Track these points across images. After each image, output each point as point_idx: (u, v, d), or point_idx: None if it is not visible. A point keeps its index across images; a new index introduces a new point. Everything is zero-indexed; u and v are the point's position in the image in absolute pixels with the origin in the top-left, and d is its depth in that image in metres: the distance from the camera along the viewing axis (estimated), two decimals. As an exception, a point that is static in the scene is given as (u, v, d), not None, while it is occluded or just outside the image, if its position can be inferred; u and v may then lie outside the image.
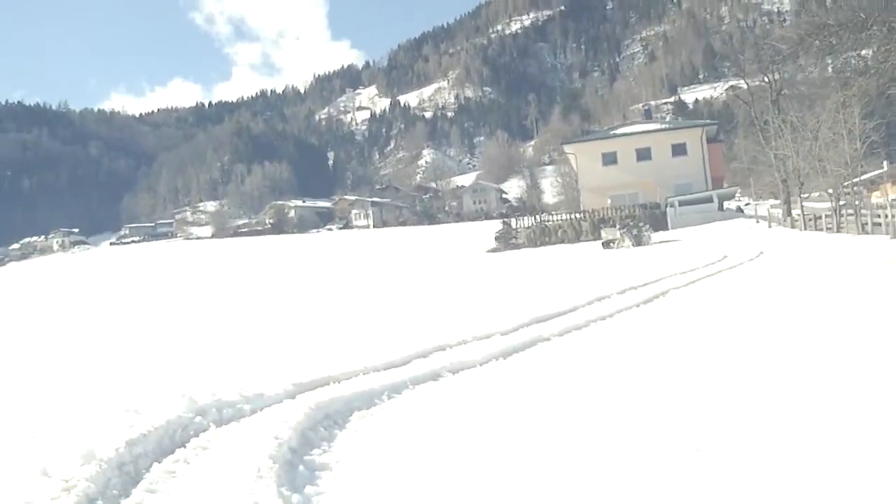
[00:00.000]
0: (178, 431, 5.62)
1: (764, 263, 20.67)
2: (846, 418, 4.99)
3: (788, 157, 40.04)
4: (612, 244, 39.83)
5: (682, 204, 52.26)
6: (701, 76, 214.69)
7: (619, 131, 67.10)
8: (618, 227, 41.70)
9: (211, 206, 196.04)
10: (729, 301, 12.75)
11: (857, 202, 32.56)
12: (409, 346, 9.11)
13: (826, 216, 34.27)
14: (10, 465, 4.95)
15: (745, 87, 56.18)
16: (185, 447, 5.34)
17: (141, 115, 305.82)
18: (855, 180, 33.33)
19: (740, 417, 5.21)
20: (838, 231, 31.67)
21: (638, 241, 38.77)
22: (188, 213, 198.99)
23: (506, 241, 54.30)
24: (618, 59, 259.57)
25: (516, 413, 5.91)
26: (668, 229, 49.96)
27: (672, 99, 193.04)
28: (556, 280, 21.21)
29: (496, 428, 5.52)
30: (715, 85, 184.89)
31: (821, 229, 34.03)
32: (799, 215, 38.54)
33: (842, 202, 34.04)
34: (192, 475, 4.77)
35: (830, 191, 34.92)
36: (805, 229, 35.75)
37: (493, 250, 53.24)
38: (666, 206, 52.89)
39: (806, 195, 42.00)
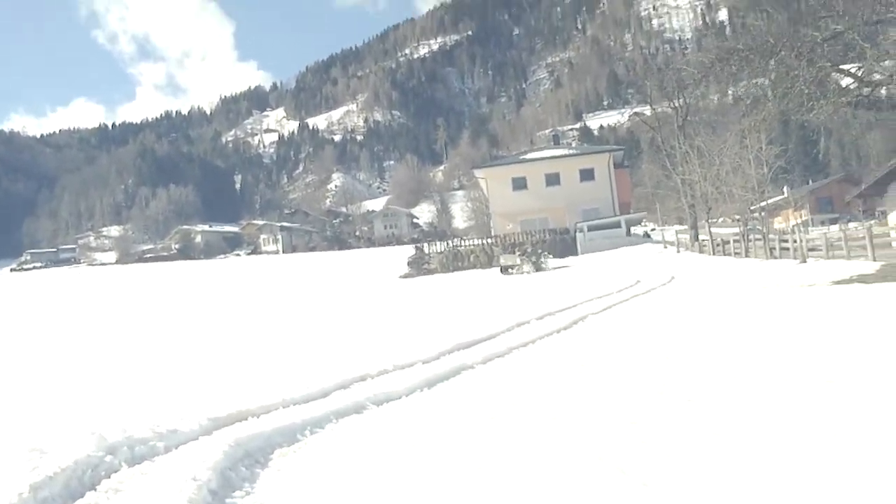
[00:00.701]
0: (87, 472, 5.23)
1: (677, 288, 21.05)
2: (786, 440, 4.99)
3: (696, 182, 41.02)
4: (510, 270, 41.73)
5: (590, 229, 53.04)
6: (605, 102, 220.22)
7: (528, 156, 67.87)
8: (517, 253, 43.83)
9: (115, 230, 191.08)
10: (648, 326, 12.85)
11: (763, 227, 33.53)
12: (328, 377, 8.81)
13: (734, 241, 35.17)
14: None
15: (648, 113, 57.52)
16: (95, 490, 4.96)
17: (42, 135, 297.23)
18: (762, 204, 34.33)
19: (681, 448, 5.14)
20: (746, 256, 32.53)
21: (537, 267, 40.89)
22: (91, 239, 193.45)
23: (419, 266, 54.29)
24: (524, 85, 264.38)
25: (447, 449, 5.69)
26: (577, 254, 50.70)
27: (578, 125, 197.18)
28: (473, 306, 21.17)
29: (428, 465, 5.31)
30: (620, 111, 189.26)
31: (729, 254, 34.89)
32: (707, 240, 39.51)
33: (749, 227, 35.06)
34: (105, 522, 4.44)
35: (737, 216, 35.87)
36: (713, 254, 36.63)
37: (407, 276, 53.14)
38: (575, 232, 53.62)
39: (714, 220, 43.14)
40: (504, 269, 42.50)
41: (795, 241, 27.53)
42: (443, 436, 6.11)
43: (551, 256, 45.37)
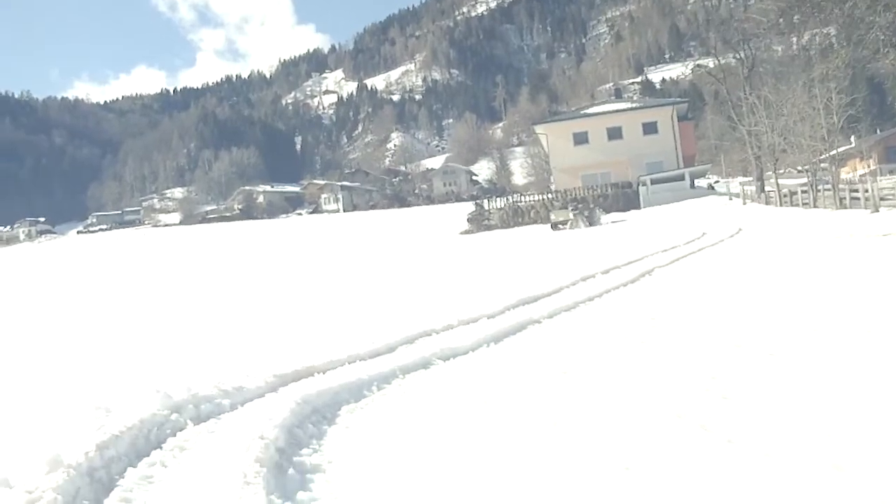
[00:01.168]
0: (153, 431, 5.15)
1: (746, 240, 20.46)
2: (873, 399, 4.65)
3: (763, 133, 39.89)
4: (560, 225, 41.16)
5: (654, 182, 52.20)
6: (667, 56, 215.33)
7: (589, 111, 66.77)
8: (569, 208, 42.99)
9: (178, 192, 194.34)
10: (719, 279, 12.43)
11: (832, 177, 32.46)
12: (393, 332, 8.69)
13: (802, 191, 34.13)
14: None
15: (712, 65, 56.11)
16: (161, 448, 4.88)
17: (105, 102, 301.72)
18: (832, 153, 33.21)
19: (766, 405, 4.82)
20: (815, 206, 31.53)
21: (591, 222, 40.32)
22: (155, 201, 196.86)
23: (479, 222, 54.06)
24: (584, 40, 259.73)
25: (520, 404, 5.48)
26: (640, 208, 49.96)
27: (639, 79, 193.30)
28: (535, 261, 20.87)
29: (500, 422, 5.10)
30: (683, 63, 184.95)
31: (796, 205, 33.85)
32: (773, 191, 38.47)
33: (816, 177, 34.01)
34: (171, 480, 4.32)
35: (804, 167, 34.82)
36: (780, 205, 35.64)
37: (467, 232, 52.98)
38: (638, 185, 52.82)
39: (780, 171, 42.00)
40: (554, 225, 41.91)
41: (867, 191, 26.53)
42: (514, 392, 5.90)
43: (604, 212, 44.80)
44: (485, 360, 7.42)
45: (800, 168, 49.91)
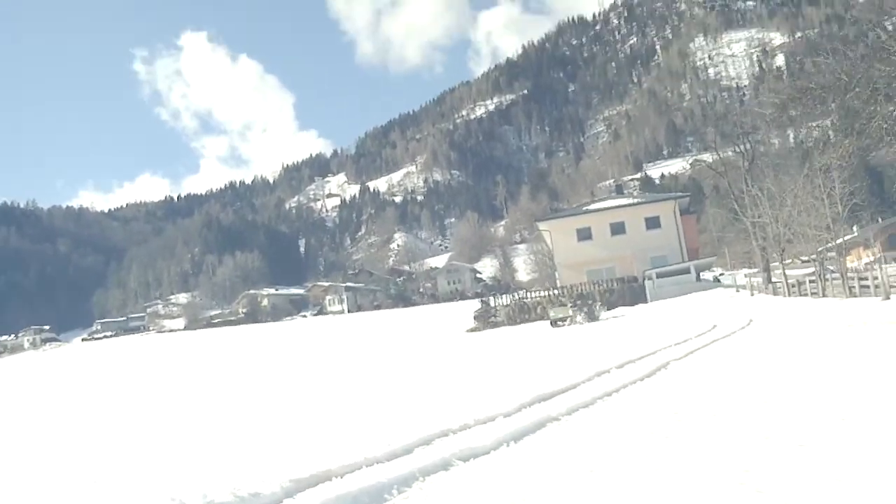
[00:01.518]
0: (169, 542, 4.96)
1: (758, 331, 20.26)
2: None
3: (767, 224, 40.12)
4: (560, 322, 41.76)
5: (659, 276, 52.25)
6: (665, 152, 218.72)
7: (591, 207, 67.49)
8: (568, 305, 43.97)
9: (183, 297, 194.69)
10: (738, 371, 12.21)
11: (840, 266, 32.42)
12: (408, 432, 8.47)
13: (810, 281, 34.06)
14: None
15: (709, 160, 57.00)
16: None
17: (109, 210, 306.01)
18: (839, 241, 33.27)
19: (803, 497, 4.64)
20: (824, 296, 31.39)
21: (590, 318, 40.93)
22: (160, 307, 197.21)
23: (485, 319, 53.97)
24: (582, 139, 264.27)
25: None
26: (647, 301, 49.85)
27: (638, 175, 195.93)
28: (546, 356, 20.63)
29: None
30: (684, 157, 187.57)
31: (805, 294, 33.75)
32: (781, 282, 38.40)
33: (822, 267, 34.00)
34: None
35: (810, 256, 34.86)
36: (789, 295, 35.52)
37: (474, 329, 52.82)
38: (644, 279, 52.85)
39: (787, 261, 42.07)
40: (553, 322, 42.40)
41: (876, 278, 26.42)
42: (541, 495, 5.67)
43: (605, 307, 45.21)
44: (506, 460, 7.19)
45: (804, 258, 50.01)
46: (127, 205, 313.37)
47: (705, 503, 4.75)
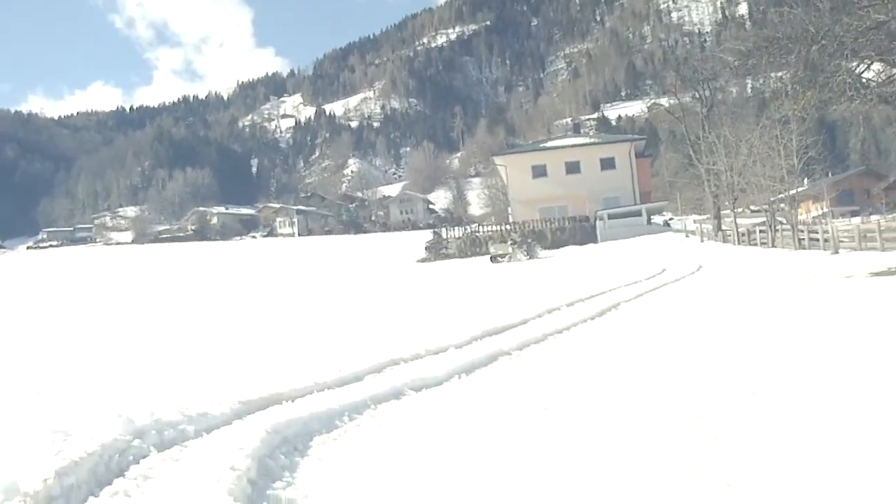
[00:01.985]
0: (114, 457, 4.85)
1: (708, 277, 20.55)
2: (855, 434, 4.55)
3: (722, 172, 40.41)
4: (499, 258, 42.62)
5: (611, 217, 52.60)
6: (624, 93, 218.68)
7: (548, 144, 67.34)
8: (508, 242, 44.91)
9: (131, 211, 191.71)
10: (689, 315, 12.36)
11: (791, 217, 32.92)
12: (359, 360, 8.44)
13: (760, 231, 34.53)
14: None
15: (667, 104, 57.01)
16: (124, 476, 4.60)
17: (59, 117, 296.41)
18: (791, 193, 33.72)
19: (759, 447, 4.67)
20: (773, 246, 31.89)
21: (530, 255, 42.13)
22: (108, 218, 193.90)
23: (436, 251, 54.03)
24: (542, 75, 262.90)
25: (502, 441, 5.23)
26: (597, 242, 50.27)
27: (596, 115, 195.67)
28: (497, 291, 20.73)
29: (481, 460, 4.87)
30: (642, 100, 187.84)
31: (754, 244, 34.25)
32: (731, 230, 38.91)
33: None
34: (136, 513, 4.05)
35: (761, 206, 35.28)
36: (738, 244, 36.02)
37: (424, 260, 52.90)
38: (595, 220, 53.18)
39: (741, 210, 42.58)
40: (493, 258, 43.22)
41: (826, 232, 26.91)
42: (493, 429, 5.67)
43: (541, 247, 46.23)
44: (458, 392, 7.20)
45: (754, 208, 50.62)
46: (77, 113, 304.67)
47: (661, 450, 4.77)
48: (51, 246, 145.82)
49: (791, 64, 20.78)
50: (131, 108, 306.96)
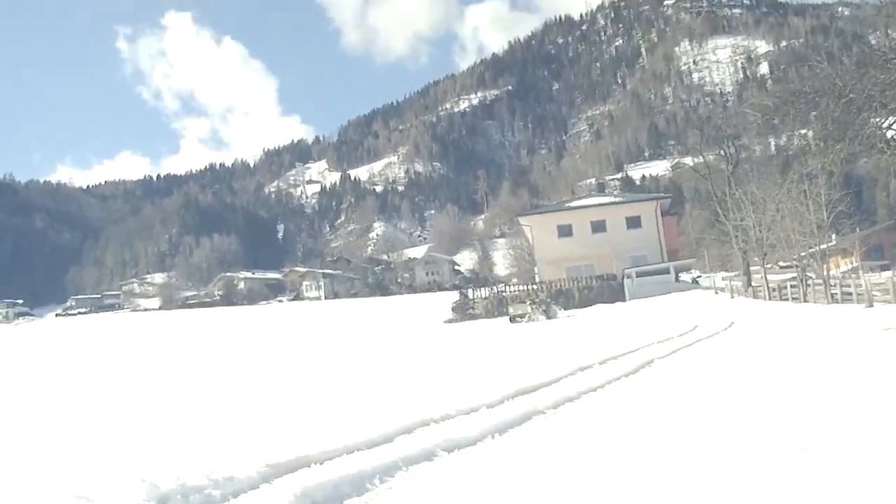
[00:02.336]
0: (137, 525, 4.66)
1: (742, 333, 20.13)
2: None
3: (750, 228, 40.14)
4: (518, 318, 42.49)
5: (639, 275, 52.31)
6: (646, 153, 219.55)
7: (573, 204, 67.58)
8: (528, 302, 45.05)
9: (159, 277, 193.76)
10: (726, 371, 11.99)
11: (822, 272, 32.46)
12: (389, 421, 8.18)
13: (791, 286, 34.08)
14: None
15: (691, 163, 57.27)
16: (147, 546, 4.40)
17: (88, 187, 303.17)
18: (822, 247, 33.33)
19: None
20: (804, 301, 31.38)
21: (548, 315, 42.01)
22: (135, 285, 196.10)
23: (463, 311, 53.91)
24: (564, 138, 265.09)
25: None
26: (625, 300, 49.85)
27: (619, 175, 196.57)
28: (526, 350, 20.42)
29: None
30: (668, 158, 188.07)
31: (785, 299, 33.74)
32: (761, 286, 38.44)
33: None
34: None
35: (791, 262, 34.89)
36: (769, 299, 35.51)
37: (451, 321, 52.72)
38: (623, 278, 52.86)
39: (769, 265, 42.17)
40: (512, 318, 43.07)
41: (859, 286, 26.42)
42: (528, 489, 5.40)
43: (561, 307, 46.00)
44: (492, 452, 6.92)
45: (783, 264, 50.13)
46: (105, 182, 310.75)
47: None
48: (79, 313, 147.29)
49: (818, 118, 20.64)
50: (158, 177, 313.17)
